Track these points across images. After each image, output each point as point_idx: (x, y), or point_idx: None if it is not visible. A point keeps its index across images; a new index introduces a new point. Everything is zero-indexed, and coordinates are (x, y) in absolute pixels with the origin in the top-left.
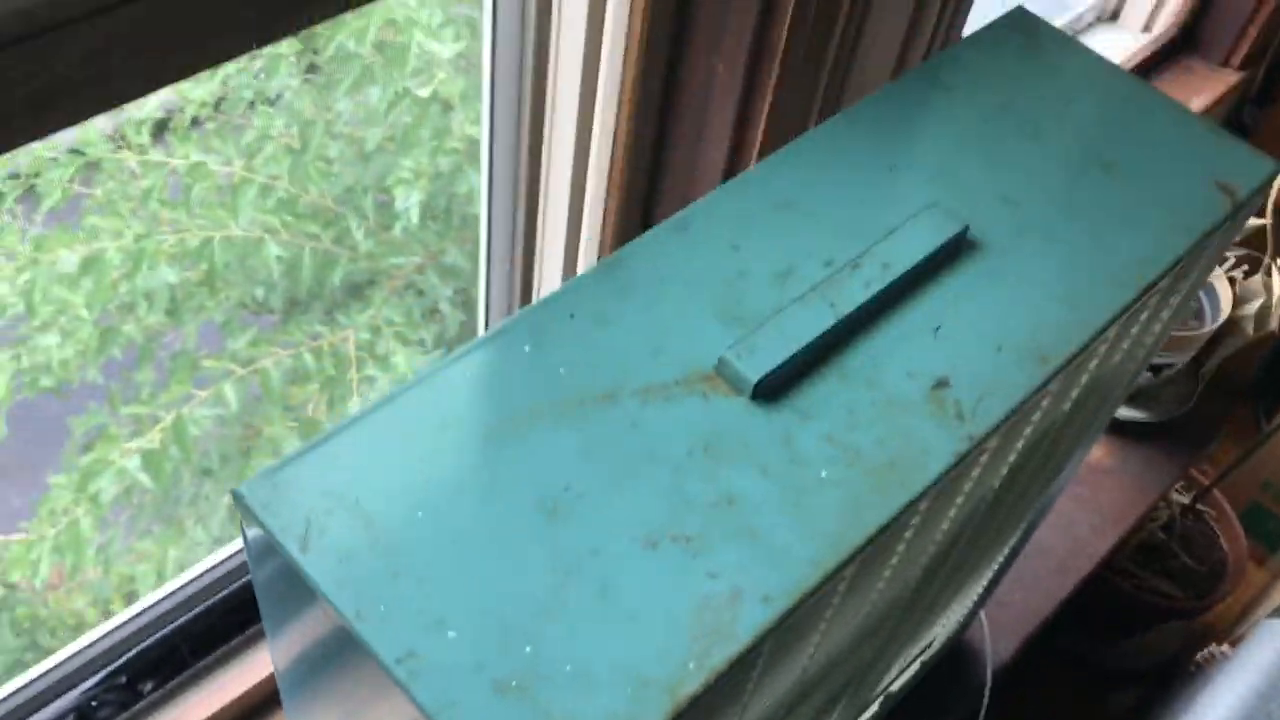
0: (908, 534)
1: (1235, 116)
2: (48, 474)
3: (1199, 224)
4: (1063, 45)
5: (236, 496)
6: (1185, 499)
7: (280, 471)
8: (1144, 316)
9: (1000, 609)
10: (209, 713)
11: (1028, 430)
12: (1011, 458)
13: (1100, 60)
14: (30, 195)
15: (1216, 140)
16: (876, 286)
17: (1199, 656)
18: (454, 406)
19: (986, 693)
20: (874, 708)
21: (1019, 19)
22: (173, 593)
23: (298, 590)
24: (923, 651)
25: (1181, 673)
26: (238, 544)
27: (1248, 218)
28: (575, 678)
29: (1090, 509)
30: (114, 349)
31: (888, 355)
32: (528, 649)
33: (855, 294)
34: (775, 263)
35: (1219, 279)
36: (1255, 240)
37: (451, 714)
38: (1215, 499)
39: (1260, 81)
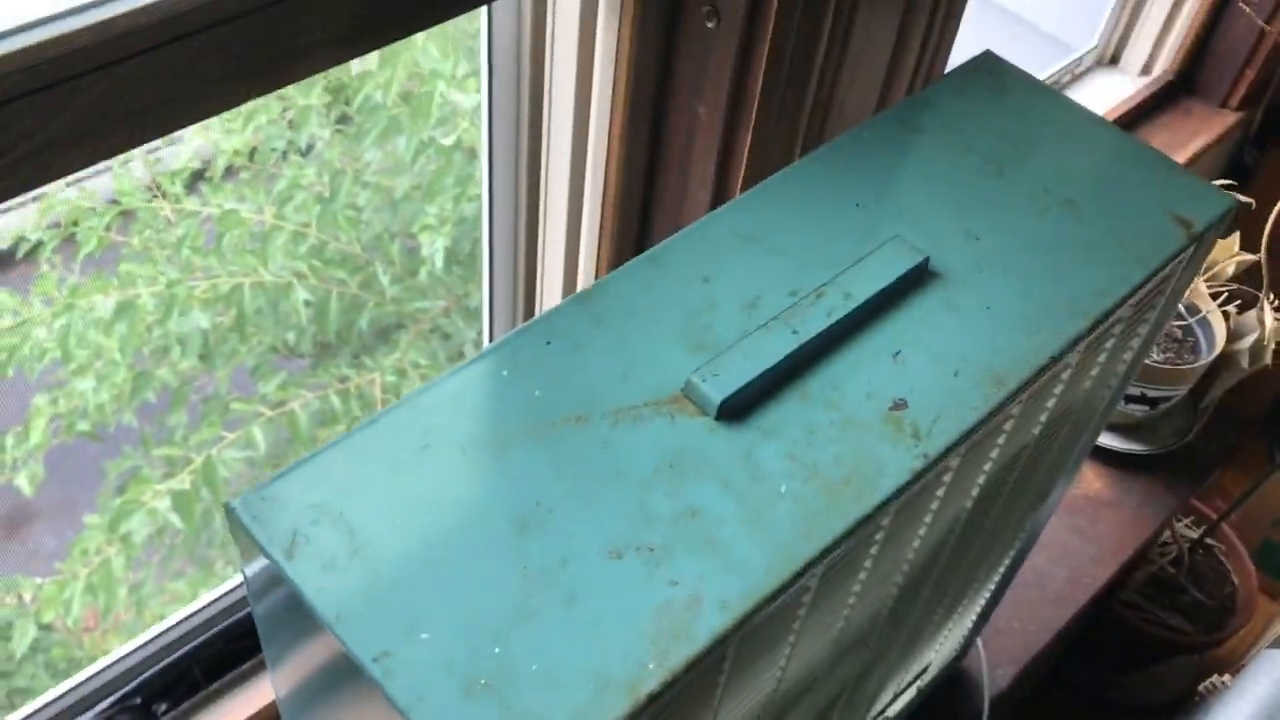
0: (872, 550)
1: (1236, 156)
2: (83, 517)
3: (1156, 256)
4: (1028, 86)
5: (229, 510)
6: (1194, 534)
7: (269, 486)
8: (1109, 345)
9: (998, 637)
10: None
11: (993, 453)
12: (980, 480)
13: (1064, 100)
14: (69, 244)
15: (1175, 175)
16: (839, 314)
17: (1201, 687)
18: (434, 427)
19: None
20: None
21: (986, 62)
22: (187, 618)
23: (285, 597)
24: (917, 677)
25: (1187, 706)
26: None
27: (1209, 249)
28: (540, 678)
29: (1089, 539)
30: (148, 393)
31: (847, 378)
32: (496, 650)
33: (818, 321)
34: (743, 293)
35: (1214, 314)
36: (1250, 276)
37: (423, 710)
38: (1225, 534)
39: (1259, 122)
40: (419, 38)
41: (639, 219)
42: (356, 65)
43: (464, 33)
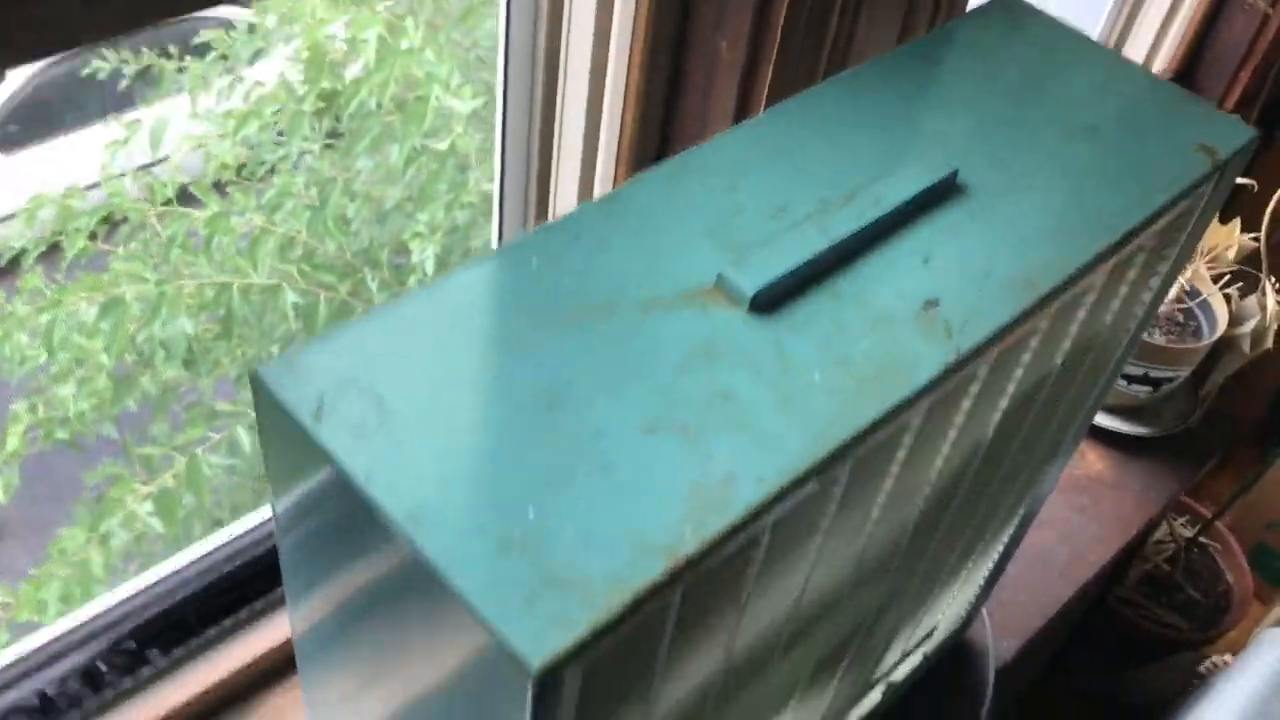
0: (900, 452)
1: None
2: (59, 532)
3: (1181, 180)
4: (1047, 25)
5: (254, 378)
6: (1190, 533)
7: (295, 357)
8: (1132, 276)
9: (1003, 609)
10: (214, 680)
11: (1019, 371)
12: (1004, 403)
13: (1083, 37)
14: (55, 255)
15: (1197, 108)
16: (868, 218)
17: (1202, 668)
18: (461, 309)
19: (989, 692)
20: (876, 695)
21: (1006, 1)
22: (185, 566)
23: (309, 464)
24: (925, 639)
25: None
26: (247, 523)
27: (1232, 183)
28: (576, 540)
29: (1091, 518)
30: (129, 400)
31: (878, 279)
32: (530, 514)
33: (848, 223)
34: (770, 201)
35: (1215, 297)
36: (1252, 262)
37: (458, 567)
38: (1221, 533)
39: (1254, 123)
40: (416, 41)
41: (655, 157)
42: (350, 70)
43: (458, 44)
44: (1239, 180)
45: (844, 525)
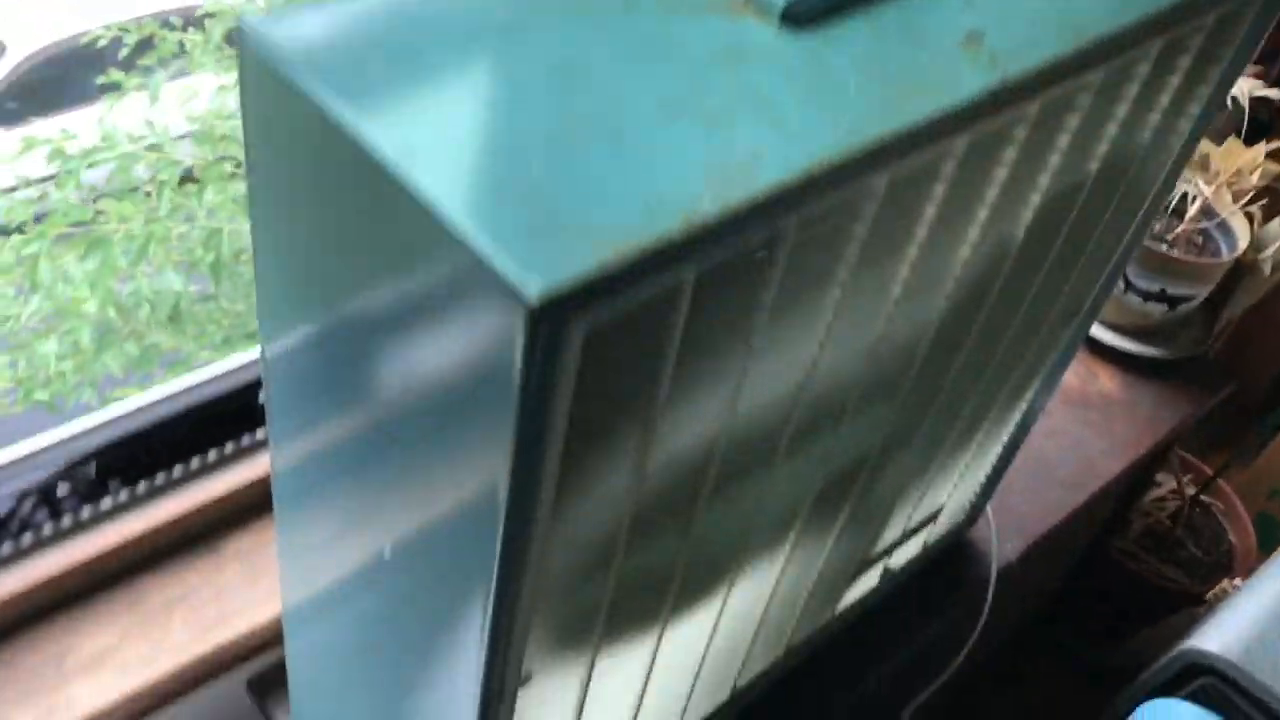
0: (929, 207)
1: None
2: None
3: None
4: None
5: (239, 31)
6: (1194, 490)
7: (284, 14)
8: (1175, 81)
9: (1007, 512)
10: (178, 513)
11: (1055, 158)
12: (1036, 197)
13: None
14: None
15: None
16: None
17: (1209, 595)
18: None
19: (991, 589)
20: (874, 577)
21: None
22: (155, 403)
23: (293, 120)
24: (927, 522)
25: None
26: (221, 366)
27: (1275, 16)
28: (585, 194)
29: (1101, 433)
30: (110, 358)
31: (916, 9)
32: (534, 168)
33: None
34: None
35: (1236, 216)
36: (1276, 185)
37: (456, 207)
38: (1226, 494)
39: None
40: None
41: None
42: None
43: None
44: (1264, 92)
45: (864, 285)
